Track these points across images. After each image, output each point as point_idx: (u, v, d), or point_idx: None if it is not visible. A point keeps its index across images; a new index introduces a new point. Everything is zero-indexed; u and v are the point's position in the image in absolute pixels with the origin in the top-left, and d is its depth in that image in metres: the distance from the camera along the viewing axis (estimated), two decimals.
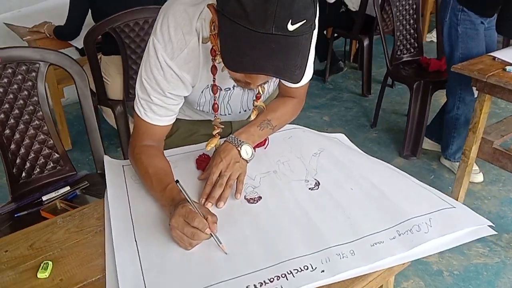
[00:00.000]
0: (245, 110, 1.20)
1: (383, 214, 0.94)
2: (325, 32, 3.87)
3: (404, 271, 1.88)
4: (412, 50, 2.84)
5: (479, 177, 2.44)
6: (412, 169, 2.58)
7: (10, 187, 1.56)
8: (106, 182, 1.07)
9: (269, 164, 1.13)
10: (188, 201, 0.87)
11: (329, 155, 1.16)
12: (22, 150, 1.59)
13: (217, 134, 1.11)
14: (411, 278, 1.85)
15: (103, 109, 2.74)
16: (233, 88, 1.10)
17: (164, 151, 1.18)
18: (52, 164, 1.67)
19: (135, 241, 0.89)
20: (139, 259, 0.84)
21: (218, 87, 1.06)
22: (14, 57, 1.49)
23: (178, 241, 0.86)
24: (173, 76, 0.97)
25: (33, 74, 1.54)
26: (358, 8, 3.30)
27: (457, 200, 2.11)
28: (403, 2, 2.72)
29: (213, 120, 1.11)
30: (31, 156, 1.61)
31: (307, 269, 0.81)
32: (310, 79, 1.18)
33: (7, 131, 1.54)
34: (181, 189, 0.88)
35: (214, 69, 0.99)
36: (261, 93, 1.10)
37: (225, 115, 1.19)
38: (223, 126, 1.11)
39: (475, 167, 2.43)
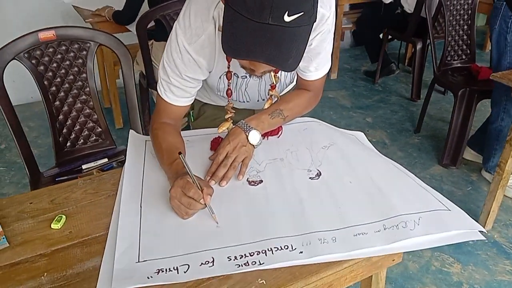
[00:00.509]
0: (263, 99, 1.26)
1: (374, 208, 0.96)
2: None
3: (422, 278, 1.86)
4: (464, 57, 2.74)
5: None
6: (450, 178, 2.51)
7: (55, 153, 1.72)
8: (127, 153, 1.17)
9: (278, 152, 1.18)
10: (188, 173, 0.94)
11: (338, 149, 1.19)
12: (69, 122, 1.74)
13: (229, 118, 1.17)
14: (428, 286, 1.82)
15: (153, 93, 2.90)
16: (249, 77, 1.16)
17: (187, 131, 1.27)
18: (94, 137, 1.81)
19: (140, 206, 0.98)
20: (140, 222, 0.93)
21: (234, 74, 1.13)
22: (68, 35, 1.64)
23: (176, 210, 0.93)
24: (190, 60, 1.05)
25: (84, 52, 1.68)
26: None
27: (489, 214, 2.06)
28: (458, 7, 2.62)
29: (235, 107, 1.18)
30: (76, 128, 1.76)
31: (287, 248, 0.85)
32: (327, 73, 1.22)
33: (57, 103, 1.69)
34: (183, 161, 0.95)
35: (229, 56, 1.05)
36: (275, 83, 1.15)
37: (243, 102, 1.26)
38: (234, 111, 1.17)
39: None
